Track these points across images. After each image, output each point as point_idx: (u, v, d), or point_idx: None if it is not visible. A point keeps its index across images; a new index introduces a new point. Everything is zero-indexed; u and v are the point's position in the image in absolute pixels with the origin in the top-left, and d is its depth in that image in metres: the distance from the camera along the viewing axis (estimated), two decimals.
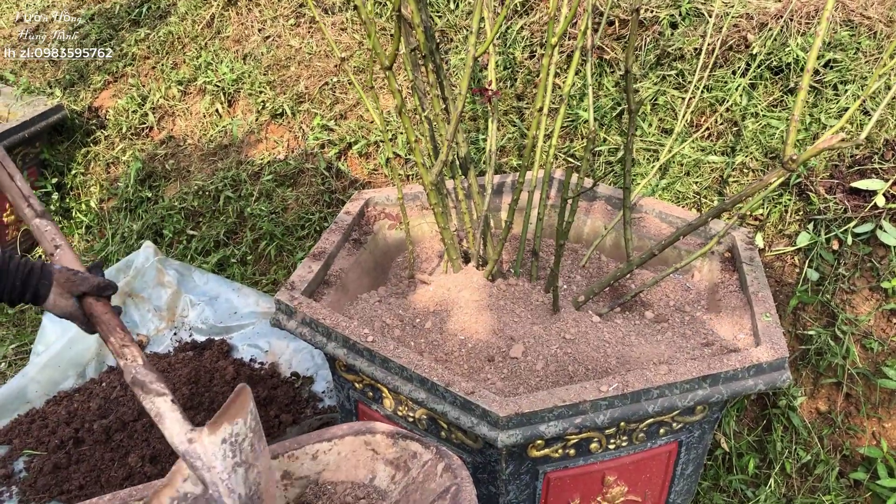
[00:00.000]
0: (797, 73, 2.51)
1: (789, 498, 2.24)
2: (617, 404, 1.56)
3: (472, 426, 1.53)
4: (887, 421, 2.20)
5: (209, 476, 1.29)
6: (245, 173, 3.46)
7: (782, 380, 1.66)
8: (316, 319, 1.75)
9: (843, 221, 2.25)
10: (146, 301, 3.19)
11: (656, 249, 1.74)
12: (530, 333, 1.83)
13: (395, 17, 1.54)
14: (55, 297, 1.54)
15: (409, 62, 1.97)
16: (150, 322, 3.15)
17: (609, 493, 1.79)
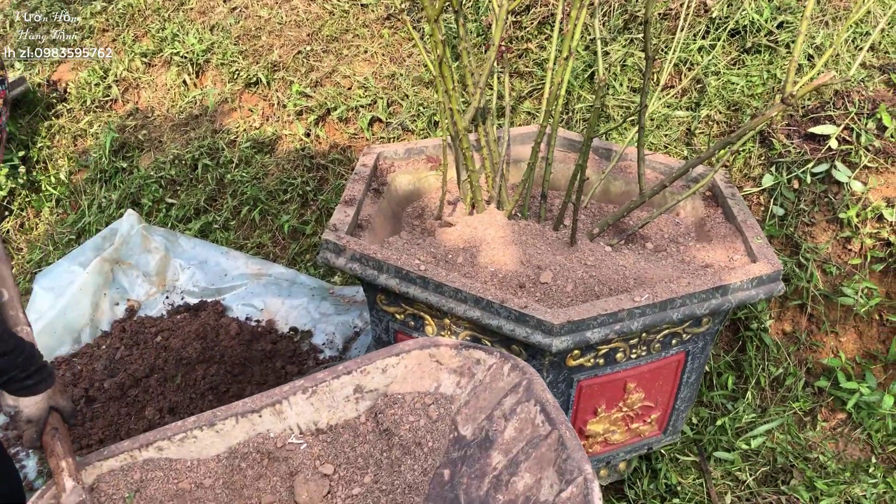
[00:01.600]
0: (753, 33, 2.80)
1: (764, 407, 2.54)
2: (648, 312, 1.79)
3: (528, 335, 1.73)
4: (843, 335, 2.53)
5: None
6: (222, 141, 3.54)
7: (778, 290, 1.93)
8: (367, 254, 1.91)
9: (801, 163, 2.55)
10: (134, 267, 3.24)
11: (667, 181, 1.98)
12: (555, 262, 2.04)
13: None
14: (41, 399, 1.48)
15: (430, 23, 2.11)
16: (139, 287, 3.21)
17: (629, 398, 2.03)
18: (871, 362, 2.48)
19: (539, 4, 3.13)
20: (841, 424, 2.47)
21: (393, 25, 3.50)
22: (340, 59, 3.48)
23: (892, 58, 2.71)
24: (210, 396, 2.64)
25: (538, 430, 1.50)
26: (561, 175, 2.50)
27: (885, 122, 2.47)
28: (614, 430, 2.08)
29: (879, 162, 2.46)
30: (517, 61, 3.13)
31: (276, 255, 3.35)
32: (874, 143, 2.46)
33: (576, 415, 2.00)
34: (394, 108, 3.30)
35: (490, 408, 1.63)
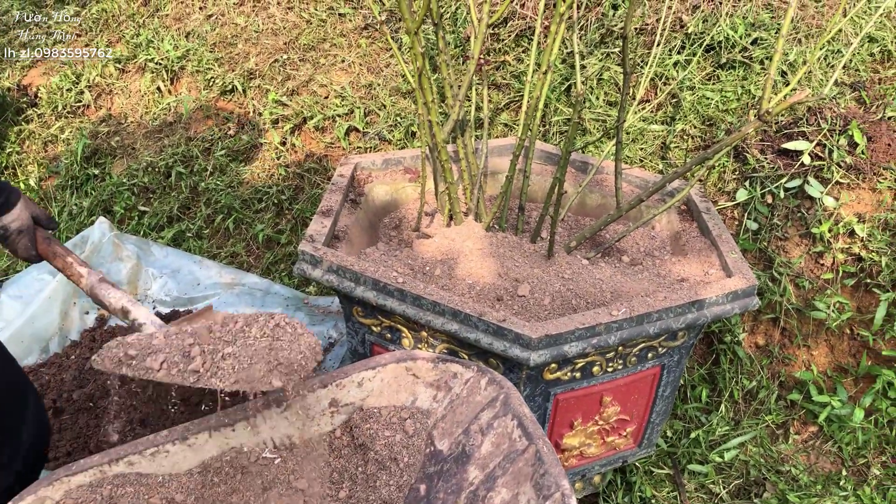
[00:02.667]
0: (727, 49, 2.84)
1: (737, 420, 2.56)
2: (625, 326, 1.79)
3: (506, 349, 1.73)
4: (815, 349, 2.55)
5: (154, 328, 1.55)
6: (197, 149, 3.50)
7: (753, 304, 1.95)
8: (344, 266, 1.89)
9: (774, 178, 2.58)
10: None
11: (644, 195, 1.99)
12: (532, 275, 2.04)
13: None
14: (20, 210, 1.61)
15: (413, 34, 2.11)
16: None
17: (605, 412, 2.03)
18: (842, 376, 2.50)
19: (517, 17, 3.14)
20: (813, 437, 2.50)
21: (370, 35, 3.49)
22: (317, 68, 3.47)
23: (862, 75, 2.75)
24: (181, 408, 2.60)
25: (515, 444, 1.50)
26: (538, 187, 2.50)
27: (856, 139, 2.50)
28: (590, 443, 2.08)
29: (851, 178, 2.50)
30: (494, 73, 3.14)
31: (250, 264, 3.32)
32: (846, 159, 2.50)
33: (552, 428, 2.00)
34: (371, 117, 3.29)
35: (467, 422, 1.62)
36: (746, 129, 1.79)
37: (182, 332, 1.52)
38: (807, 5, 2.89)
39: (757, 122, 1.77)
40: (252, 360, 1.45)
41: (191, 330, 1.53)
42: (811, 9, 2.89)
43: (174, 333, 1.52)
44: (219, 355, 1.47)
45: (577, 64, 2.07)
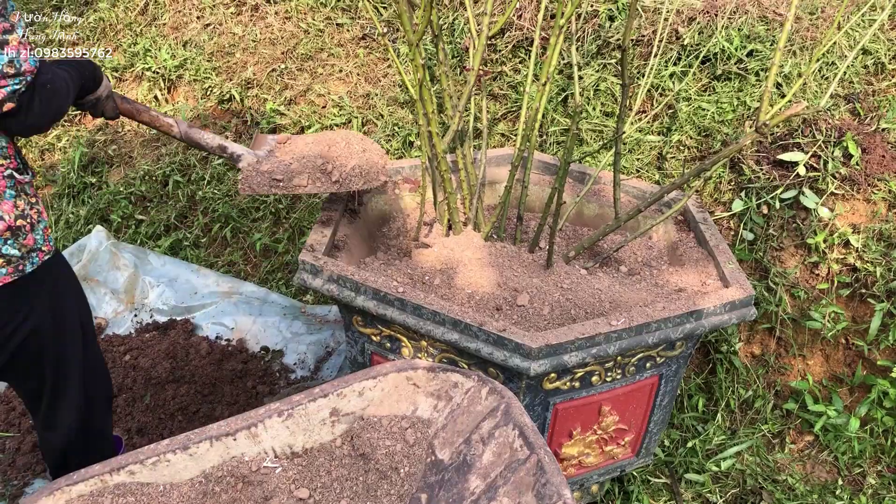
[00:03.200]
0: (723, 61, 2.86)
1: (733, 429, 2.57)
2: (625, 336, 1.81)
3: (506, 359, 1.74)
4: (811, 358, 2.57)
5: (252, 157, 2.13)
6: (194, 158, 3.51)
7: (750, 314, 1.96)
8: (344, 276, 1.90)
9: (770, 189, 2.60)
10: (102, 285, 3.19)
11: (643, 206, 2.01)
12: (531, 285, 2.06)
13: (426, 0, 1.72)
14: (104, 79, 1.93)
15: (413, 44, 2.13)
16: (107, 305, 3.16)
17: (604, 421, 2.04)
18: (837, 385, 2.52)
19: (514, 28, 3.16)
20: (808, 446, 2.51)
21: (368, 45, 3.51)
22: (315, 77, 3.48)
23: (856, 87, 2.78)
24: (180, 417, 2.60)
25: (517, 454, 1.50)
26: (536, 197, 2.52)
27: (850, 151, 2.53)
28: (589, 452, 2.09)
29: (846, 189, 2.52)
30: (491, 84, 3.15)
31: (247, 273, 3.32)
32: (841, 170, 2.52)
33: (551, 437, 2.01)
34: (368, 127, 3.31)
35: (468, 431, 1.63)
36: (744, 140, 1.81)
37: (307, 156, 2.11)
38: (801, 18, 2.92)
39: (754, 135, 1.79)
40: (366, 167, 2.08)
41: (300, 153, 2.15)
42: (805, 21, 2.92)
43: (298, 157, 2.12)
44: (346, 167, 2.06)
45: (574, 75, 2.09)
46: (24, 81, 1.53)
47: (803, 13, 2.96)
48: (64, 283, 1.85)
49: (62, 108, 1.69)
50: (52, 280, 1.79)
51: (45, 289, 1.77)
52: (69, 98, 1.71)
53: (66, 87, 1.68)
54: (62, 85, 1.67)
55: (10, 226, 1.64)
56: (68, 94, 1.70)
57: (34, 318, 1.76)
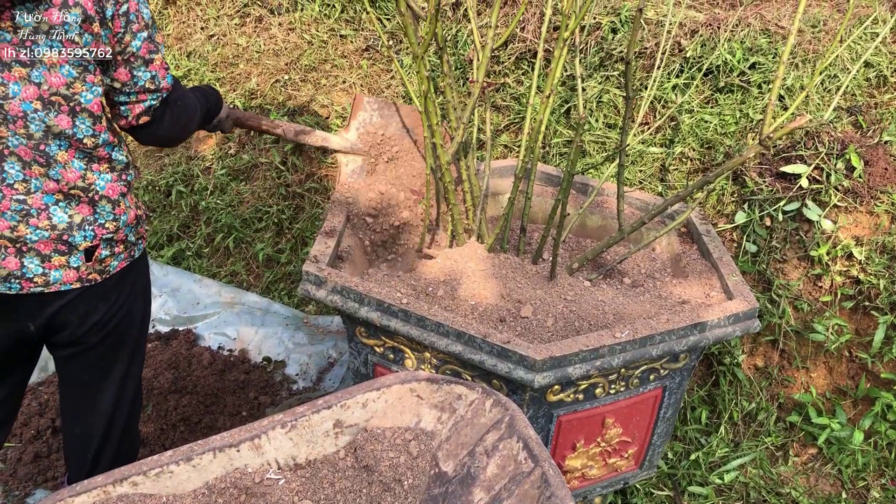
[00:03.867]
0: (726, 73, 2.87)
1: (736, 442, 2.57)
2: (629, 348, 1.81)
3: (510, 371, 1.73)
4: (814, 371, 2.57)
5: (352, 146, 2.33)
6: (197, 168, 3.52)
7: (754, 326, 1.96)
8: (348, 287, 1.90)
9: (773, 201, 2.60)
10: None
11: (647, 218, 2.01)
12: (535, 297, 2.06)
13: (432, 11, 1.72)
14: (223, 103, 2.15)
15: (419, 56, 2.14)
16: None
17: (607, 433, 2.04)
18: (841, 398, 2.52)
19: (516, 40, 3.17)
20: (812, 459, 2.51)
21: (371, 57, 3.52)
22: (318, 88, 3.49)
23: (858, 100, 2.79)
24: (182, 427, 2.60)
25: (521, 466, 1.50)
26: (539, 209, 2.52)
27: (853, 163, 2.53)
28: (592, 465, 2.08)
29: (849, 201, 2.52)
30: (494, 95, 3.16)
31: (249, 283, 3.32)
32: (843, 182, 2.52)
33: (555, 450, 2.00)
34: None
35: (472, 444, 1.62)
36: (748, 153, 1.81)
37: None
38: (804, 31, 2.93)
39: (758, 147, 1.79)
40: None
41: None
42: (808, 34, 2.93)
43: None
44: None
45: (578, 87, 2.10)
46: (160, 98, 1.70)
47: (805, 26, 2.97)
48: (147, 273, 1.97)
49: (189, 126, 1.88)
50: (146, 267, 1.93)
51: (143, 274, 1.90)
52: (196, 117, 1.89)
53: (194, 107, 1.86)
54: (192, 104, 1.85)
55: (137, 214, 1.79)
56: (195, 113, 1.88)
57: (133, 301, 1.86)
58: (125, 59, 1.61)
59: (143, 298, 1.93)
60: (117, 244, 1.74)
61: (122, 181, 1.71)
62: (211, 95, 2.03)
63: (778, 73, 1.76)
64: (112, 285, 1.78)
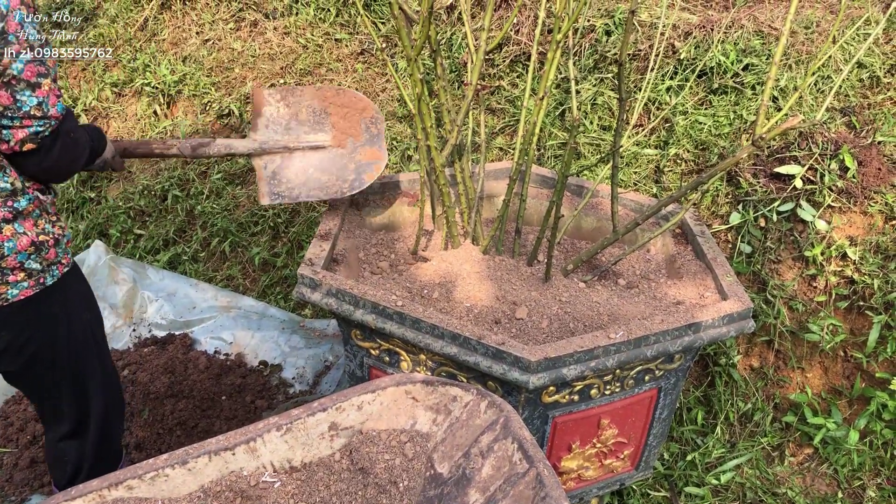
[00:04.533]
0: (719, 75, 2.88)
1: (733, 442, 2.57)
2: (623, 349, 1.81)
3: (504, 372, 1.74)
4: (809, 371, 2.57)
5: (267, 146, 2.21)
6: (193, 172, 3.52)
7: (749, 327, 1.97)
8: (343, 289, 1.90)
9: (767, 202, 2.61)
10: (101, 299, 3.19)
11: (641, 219, 2.01)
12: (530, 298, 2.06)
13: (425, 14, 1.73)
14: (108, 142, 1.99)
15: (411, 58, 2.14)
16: (105, 320, 3.15)
17: (603, 434, 2.04)
18: (836, 398, 2.52)
19: (511, 43, 3.18)
20: (808, 459, 2.51)
21: (366, 60, 3.53)
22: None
23: (851, 101, 2.80)
24: (178, 432, 2.60)
25: (516, 467, 1.50)
26: (534, 211, 2.53)
27: (847, 163, 2.54)
28: (588, 466, 2.09)
29: (842, 202, 2.53)
30: (489, 98, 3.17)
31: (246, 287, 3.32)
32: (837, 183, 2.53)
33: (550, 451, 2.00)
34: None
35: (467, 445, 1.63)
36: (741, 154, 1.82)
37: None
38: (797, 32, 2.94)
39: (751, 148, 1.80)
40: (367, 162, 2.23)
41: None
42: (801, 35, 2.94)
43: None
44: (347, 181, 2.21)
45: (572, 89, 2.10)
46: (48, 125, 1.60)
47: (798, 27, 2.98)
48: (79, 295, 1.93)
49: (78, 161, 1.77)
50: (69, 292, 1.87)
51: (61, 300, 1.84)
52: (84, 154, 1.79)
53: (84, 144, 1.78)
54: (83, 140, 1.77)
55: (34, 241, 1.71)
56: (85, 150, 1.79)
57: (50, 327, 1.83)
58: (5, 82, 1.50)
59: (71, 323, 1.88)
60: (11, 272, 1.70)
61: (6, 207, 1.66)
62: (95, 134, 1.91)
63: (770, 74, 1.76)
64: (14, 313, 1.74)
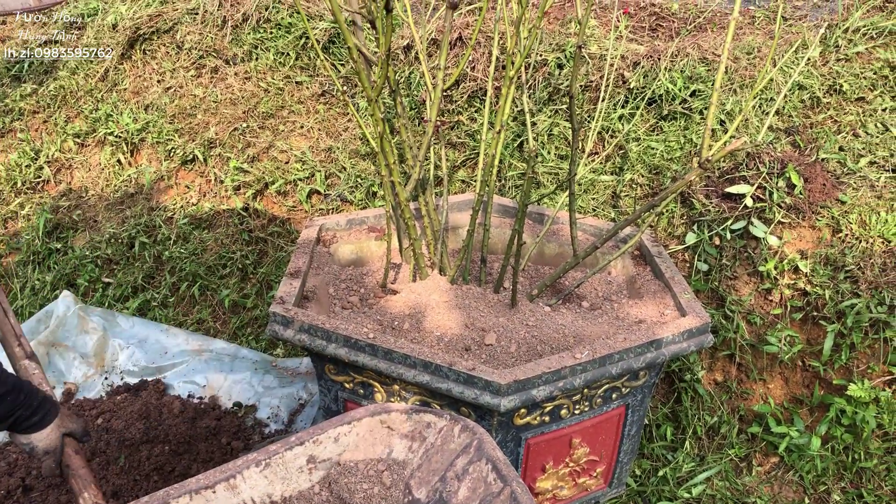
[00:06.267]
0: (668, 101, 3.00)
1: (702, 456, 2.64)
2: (589, 368, 1.88)
3: (476, 397, 1.79)
4: (771, 382, 2.66)
5: None
6: (159, 219, 3.54)
7: (708, 341, 2.05)
8: (315, 325, 1.95)
9: (721, 221, 2.71)
10: (70, 349, 3.18)
11: (599, 243, 2.09)
12: (498, 324, 2.12)
13: (383, 56, 1.81)
14: (50, 430, 1.57)
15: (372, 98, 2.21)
16: (77, 369, 3.15)
17: (575, 453, 2.10)
18: (797, 406, 2.61)
19: (468, 80, 3.28)
20: (774, 468, 2.58)
21: (328, 101, 3.60)
22: (277, 134, 3.56)
23: (795, 121, 2.93)
24: (155, 477, 2.59)
25: (490, 487, 1.55)
26: (498, 240, 2.60)
27: (793, 181, 2.66)
28: (562, 485, 2.14)
29: (792, 217, 2.64)
30: (449, 133, 3.26)
31: (217, 330, 3.34)
32: (785, 199, 2.65)
33: (525, 472, 2.05)
34: (332, 180, 3.38)
35: (443, 469, 1.67)
36: (689, 176, 1.91)
37: None
38: (739, 58, 3.08)
39: (699, 170, 1.89)
40: None
41: None
42: (744, 61, 3.08)
43: None
44: None
45: (527, 122, 2.19)
46: None
47: (741, 53, 3.12)
48: None
49: None
50: None
51: None
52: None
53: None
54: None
55: None
56: None
57: None
58: None
59: None
60: None
61: None
62: (29, 399, 1.51)
63: (712, 100, 1.87)
64: None
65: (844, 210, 2.62)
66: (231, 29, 3.81)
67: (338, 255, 2.48)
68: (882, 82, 2.99)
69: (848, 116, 2.94)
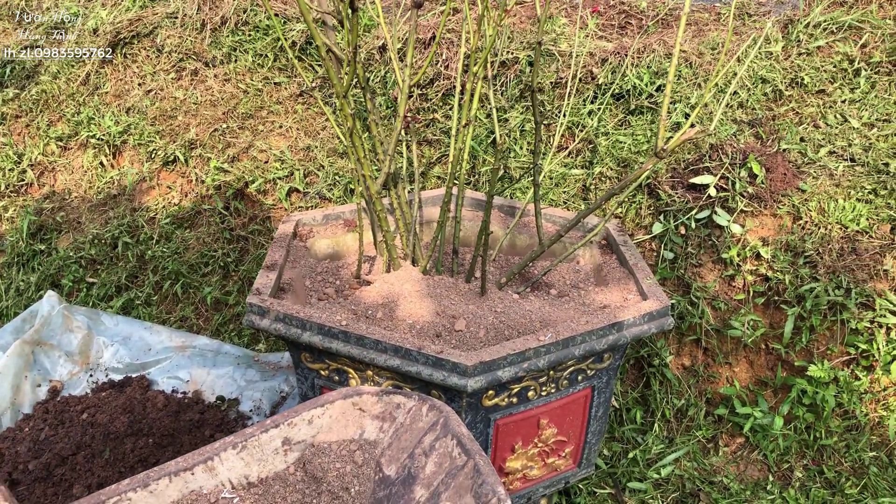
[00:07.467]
0: (635, 96, 3.09)
1: (671, 438, 2.73)
2: (553, 350, 1.96)
3: (444, 378, 1.87)
4: (736, 365, 2.75)
5: None
6: (142, 219, 3.61)
7: (668, 323, 2.14)
8: (290, 314, 2.03)
9: (686, 211, 2.81)
10: (56, 348, 3.25)
11: (563, 231, 2.18)
12: (467, 311, 2.20)
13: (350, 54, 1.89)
14: None
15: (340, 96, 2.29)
16: (62, 367, 3.21)
17: (543, 434, 2.18)
18: (762, 388, 2.70)
19: (442, 78, 3.36)
20: (740, 448, 2.68)
21: (306, 101, 3.68)
22: (256, 134, 3.63)
23: (758, 113, 3.03)
24: (140, 469, 2.66)
25: (455, 461, 1.63)
26: (471, 232, 2.68)
27: (755, 171, 2.75)
28: (532, 465, 2.22)
29: (754, 206, 2.74)
30: (425, 130, 3.34)
31: (199, 326, 3.41)
32: (748, 189, 2.74)
33: (495, 453, 2.13)
34: (310, 178, 3.46)
35: (411, 447, 1.75)
36: (647, 165, 2.00)
37: None
38: (703, 53, 3.18)
39: (654, 159, 1.98)
40: None
41: None
42: (707, 56, 3.17)
43: None
44: None
45: (495, 118, 2.28)
46: None
47: (705, 49, 3.22)
48: None
49: None
50: None
51: None
52: None
53: None
54: None
55: None
56: None
57: None
58: None
59: None
60: None
61: None
62: None
63: (666, 91, 1.95)
64: None
65: (804, 198, 2.71)
66: (210, 32, 3.89)
67: (314, 249, 2.56)
68: (841, 75, 3.09)
69: (809, 108, 3.04)
